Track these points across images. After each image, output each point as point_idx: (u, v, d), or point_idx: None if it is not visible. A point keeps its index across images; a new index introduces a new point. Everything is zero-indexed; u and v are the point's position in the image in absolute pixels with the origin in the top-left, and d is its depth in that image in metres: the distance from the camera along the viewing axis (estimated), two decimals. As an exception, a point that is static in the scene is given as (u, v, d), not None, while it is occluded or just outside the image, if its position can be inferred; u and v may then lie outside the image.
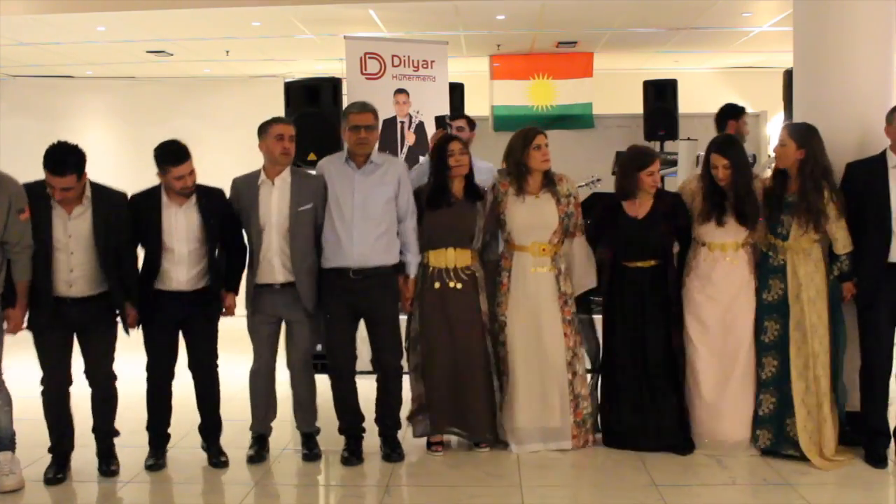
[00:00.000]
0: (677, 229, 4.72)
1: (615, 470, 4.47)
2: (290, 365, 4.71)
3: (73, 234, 4.22)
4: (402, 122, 6.79)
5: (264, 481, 4.45)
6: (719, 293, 4.61)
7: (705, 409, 4.63)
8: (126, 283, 4.39)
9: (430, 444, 4.79)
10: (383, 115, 6.63)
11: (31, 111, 10.15)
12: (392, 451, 4.66)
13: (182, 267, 4.39)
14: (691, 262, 4.70)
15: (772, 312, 4.57)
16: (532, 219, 4.70)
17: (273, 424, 4.82)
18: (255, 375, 4.72)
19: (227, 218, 4.54)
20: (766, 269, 4.60)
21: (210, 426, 4.67)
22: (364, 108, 4.61)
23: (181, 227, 4.39)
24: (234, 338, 4.93)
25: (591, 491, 4.24)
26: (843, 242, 4.47)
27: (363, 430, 4.74)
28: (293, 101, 6.87)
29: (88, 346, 4.38)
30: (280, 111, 6.98)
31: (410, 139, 6.78)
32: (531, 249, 4.71)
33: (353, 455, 4.64)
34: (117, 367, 4.50)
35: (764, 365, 4.60)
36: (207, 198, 4.46)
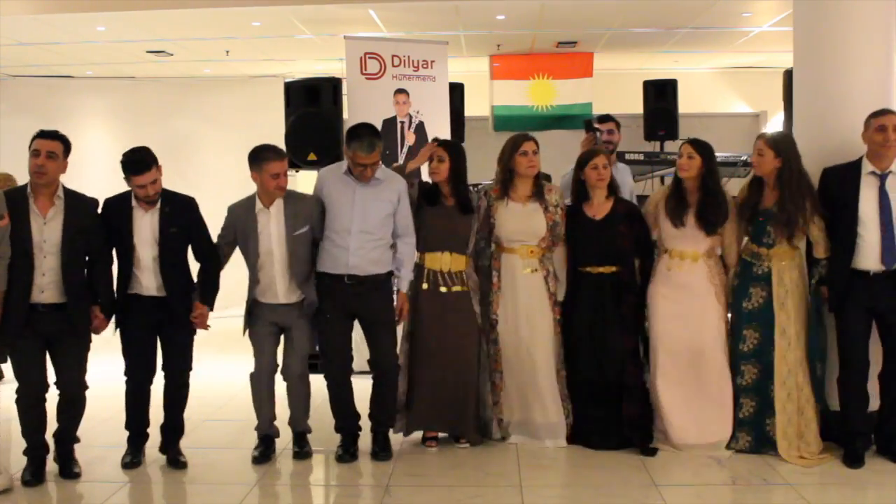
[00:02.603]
0: (635, 240, 4.77)
1: (615, 470, 4.48)
2: (286, 372, 4.70)
3: (48, 238, 4.23)
4: (402, 123, 6.77)
5: (264, 481, 4.45)
6: (680, 298, 4.65)
7: (668, 413, 4.66)
8: (98, 288, 4.41)
9: (424, 439, 4.88)
10: (383, 115, 6.65)
11: (31, 111, 10.13)
12: (381, 449, 4.69)
13: (148, 272, 4.42)
14: (655, 269, 4.76)
15: (751, 321, 4.60)
16: (521, 226, 4.79)
17: (276, 424, 4.81)
18: (256, 378, 4.72)
19: (193, 227, 4.55)
20: (749, 278, 4.62)
21: (171, 428, 4.65)
22: (371, 147, 4.52)
23: (146, 231, 4.42)
24: (236, 338, 4.93)
25: (591, 491, 4.24)
26: (823, 246, 4.52)
27: (359, 429, 4.77)
28: (293, 101, 6.86)
29: (60, 357, 4.36)
30: (280, 111, 6.97)
31: (410, 139, 6.77)
32: (519, 252, 4.80)
33: (347, 452, 4.67)
34: (108, 366, 4.49)
35: (743, 373, 4.63)
36: (171, 205, 4.48)
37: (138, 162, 4.38)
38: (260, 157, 4.55)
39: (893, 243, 4.30)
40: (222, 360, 6.91)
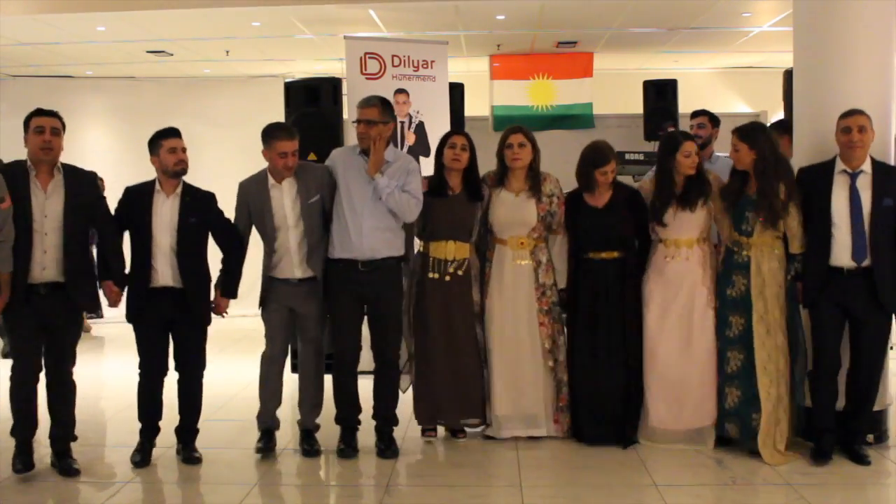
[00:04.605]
0: (636, 224, 4.82)
1: (615, 470, 4.48)
2: (300, 353, 4.75)
3: (49, 213, 4.23)
4: (403, 123, 6.77)
5: (264, 481, 4.45)
6: (671, 287, 4.72)
7: (660, 401, 4.73)
8: (109, 261, 4.42)
9: (423, 431, 4.94)
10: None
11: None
12: (387, 447, 4.70)
13: (164, 259, 4.43)
14: (650, 257, 4.82)
15: (736, 307, 4.65)
16: (511, 215, 4.84)
17: (277, 415, 4.83)
18: (266, 361, 4.74)
19: (214, 221, 4.58)
20: (731, 265, 4.68)
21: (187, 429, 4.66)
22: (368, 102, 4.67)
23: (165, 216, 4.45)
24: (235, 338, 4.94)
25: (591, 491, 4.24)
26: (799, 241, 4.56)
27: (359, 423, 4.79)
28: (293, 101, 6.86)
29: (52, 342, 4.35)
30: (280, 111, 6.97)
31: (410, 139, 6.77)
32: (510, 243, 4.85)
33: (349, 447, 4.70)
34: (111, 365, 4.49)
35: (729, 359, 4.68)
36: (192, 196, 4.52)
37: (171, 127, 4.51)
38: (270, 135, 4.60)
39: (864, 240, 4.37)
40: (222, 360, 6.90)
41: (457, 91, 7.50)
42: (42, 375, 4.39)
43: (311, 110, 6.68)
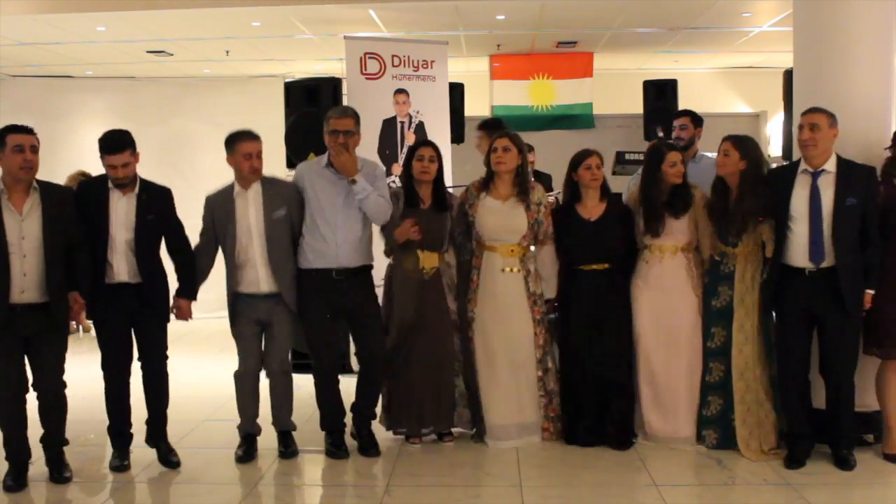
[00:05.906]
0: (626, 238, 4.82)
1: (615, 470, 4.48)
2: (268, 368, 4.72)
3: (27, 235, 4.15)
4: (402, 123, 6.77)
5: (263, 481, 4.45)
6: (656, 294, 4.73)
7: (648, 406, 4.76)
8: (78, 275, 4.32)
9: (407, 437, 4.92)
10: (383, 115, 6.65)
11: (31, 111, 10.10)
12: (369, 445, 4.73)
13: (120, 256, 4.39)
14: (637, 264, 4.83)
15: (720, 319, 4.67)
16: (501, 222, 4.81)
17: (258, 423, 4.83)
18: (241, 378, 4.74)
19: (168, 218, 4.55)
20: (717, 277, 4.69)
21: (154, 423, 4.63)
22: (345, 112, 4.70)
23: (120, 213, 4.41)
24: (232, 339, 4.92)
25: (591, 491, 4.24)
26: (772, 246, 4.54)
27: (344, 424, 4.81)
28: (293, 101, 6.86)
29: (38, 357, 4.27)
30: (280, 111, 6.98)
31: (410, 139, 6.76)
32: (500, 250, 4.81)
33: (339, 449, 4.71)
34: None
35: (711, 370, 4.71)
36: (148, 193, 4.48)
37: (114, 140, 4.40)
38: (233, 139, 4.60)
39: (822, 240, 4.33)
40: (222, 360, 6.90)
41: (457, 91, 7.50)
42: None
43: (311, 110, 6.68)
